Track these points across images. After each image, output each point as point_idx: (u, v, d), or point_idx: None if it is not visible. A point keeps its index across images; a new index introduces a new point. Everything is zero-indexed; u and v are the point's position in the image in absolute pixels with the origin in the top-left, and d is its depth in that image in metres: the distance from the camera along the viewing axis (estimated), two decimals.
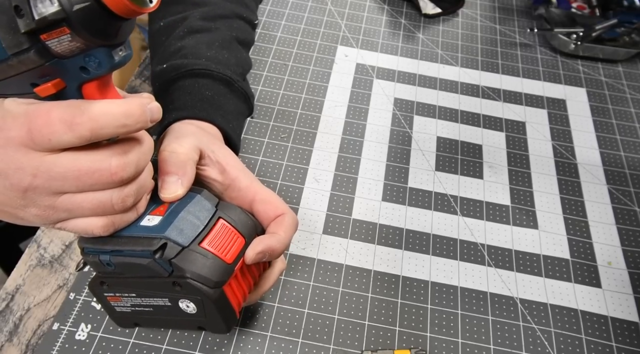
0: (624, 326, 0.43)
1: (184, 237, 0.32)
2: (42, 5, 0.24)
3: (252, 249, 0.34)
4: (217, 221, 0.34)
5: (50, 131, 0.26)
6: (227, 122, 0.44)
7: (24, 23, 0.24)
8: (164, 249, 0.31)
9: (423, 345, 0.41)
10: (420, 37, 0.66)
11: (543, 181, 0.53)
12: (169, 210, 0.33)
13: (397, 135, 0.55)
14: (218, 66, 0.46)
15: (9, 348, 0.38)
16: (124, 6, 0.24)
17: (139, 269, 0.32)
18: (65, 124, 0.26)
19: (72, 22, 0.24)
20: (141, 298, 0.35)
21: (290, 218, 0.37)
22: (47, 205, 0.28)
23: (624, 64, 0.66)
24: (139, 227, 0.32)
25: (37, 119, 0.26)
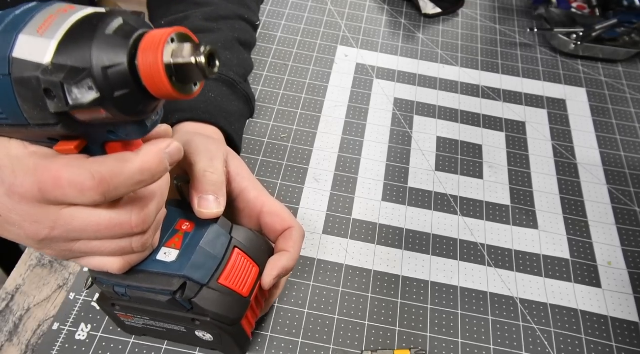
0: (624, 326, 0.43)
1: (203, 275, 0.31)
2: (79, 92, 0.22)
3: (269, 275, 0.34)
4: (233, 251, 0.33)
5: (61, 194, 0.25)
6: (230, 124, 0.44)
7: (55, 105, 0.22)
8: (184, 288, 0.31)
9: (423, 345, 0.41)
10: (420, 37, 0.66)
11: (543, 181, 0.53)
12: (186, 242, 0.32)
13: (397, 135, 0.55)
14: (221, 68, 0.46)
15: (9, 348, 0.38)
16: (167, 93, 0.23)
17: (156, 303, 0.32)
18: (76, 189, 0.24)
19: (110, 105, 0.23)
20: (155, 322, 0.35)
21: (298, 232, 0.37)
22: (64, 249, 0.28)
23: (624, 64, 0.66)
24: (156, 263, 0.31)
25: (48, 181, 0.25)
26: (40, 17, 0.23)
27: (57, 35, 0.22)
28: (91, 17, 0.23)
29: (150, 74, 0.22)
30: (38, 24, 0.23)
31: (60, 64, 0.22)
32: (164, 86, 0.22)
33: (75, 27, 0.23)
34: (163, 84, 0.22)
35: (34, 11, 0.23)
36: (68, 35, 0.22)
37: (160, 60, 0.22)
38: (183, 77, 0.23)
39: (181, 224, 0.33)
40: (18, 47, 0.22)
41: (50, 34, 0.22)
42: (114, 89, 0.22)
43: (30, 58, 0.22)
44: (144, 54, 0.22)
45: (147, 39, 0.22)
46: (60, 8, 0.24)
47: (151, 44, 0.22)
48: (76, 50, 0.22)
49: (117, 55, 0.22)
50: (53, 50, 0.22)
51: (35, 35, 0.22)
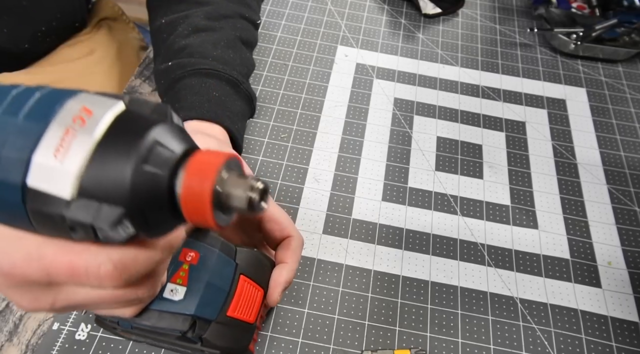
0: (624, 326, 0.43)
1: (212, 311, 0.31)
2: (112, 232, 0.19)
3: (274, 293, 0.34)
4: (239, 279, 0.32)
5: (76, 281, 0.22)
6: (234, 123, 0.44)
7: (81, 236, 0.20)
8: (195, 327, 0.30)
9: (423, 345, 0.41)
10: (420, 37, 0.66)
11: (543, 181, 0.53)
12: (192, 277, 0.30)
13: (397, 135, 0.55)
14: (225, 67, 0.46)
15: (9, 348, 0.38)
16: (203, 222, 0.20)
17: (165, 336, 0.31)
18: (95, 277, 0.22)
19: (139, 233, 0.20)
20: (159, 342, 0.34)
21: (297, 241, 0.37)
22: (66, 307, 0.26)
23: (624, 64, 0.66)
24: (164, 302, 0.30)
25: (60, 270, 0.22)
26: (55, 130, 0.19)
27: (79, 162, 0.19)
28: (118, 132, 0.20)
29: (193, 202, 0.20)
30: (54, 142, 0.19)
31: (89, 198, 0.19)
32: (204, 216, 0.20)
33: (101, 149, 0.19)
34: (204, 214, 0.20)
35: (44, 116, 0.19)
36: (95, 161, 0.19)
37: (208, 190, 0.19)
38: (226, 208, 0.20)
39: (185, 254, 0.31)
40: (33, 174, 0.19)
41: (72, 160, 0.19)
42: (149, 223, 0.20)
43: (49, 190, 0.19)
44: (190, 180, 0.20)
45: (195, 164, 0.20)
46: (76, 114, 0.20)
47: (200, 172, 0.20)
48: (108, 186, 0.19)
49: (158, 190, 0.20)
50: (78, 182, 0.19)
51: (53, 159, 0.19)
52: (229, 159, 0.20)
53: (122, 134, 0.20)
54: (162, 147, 0.20)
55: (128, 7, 0.73)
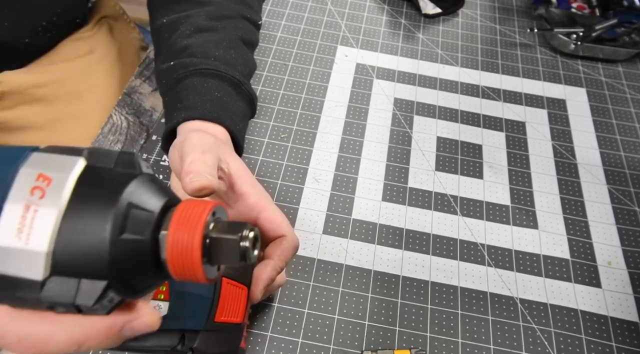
0: (624, 326, 0.43)
1: (199, 320, 0.30)
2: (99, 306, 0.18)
3: (257, 290, 0.33)
4: (222, 282, 0.32)
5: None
6: (235, 124, 0.44)
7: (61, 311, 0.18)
8: (184, 340, 0.29)
9: (423, 345, 0.41)
10: (420, 37, 0.66)
11: (543, 181, 0.53)
12: (173, 290, 0.28)
13: (397, 135, 0.55)
14: (227, 67, 0.46)
15: None
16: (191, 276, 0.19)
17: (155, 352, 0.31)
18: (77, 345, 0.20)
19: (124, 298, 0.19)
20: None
21: (289, 242, 0.36)
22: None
23: (624, 64, 0.66)
24: None
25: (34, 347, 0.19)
26: (12, 209, 0.17)
27: (47, 239, 0.17)
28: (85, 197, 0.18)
29: (181, 258, 0.18)
30: (14, 223, 0.17)
31: (65, 275, 0.17)
32: (194, 273, 0.19)
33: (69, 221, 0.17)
34: (194, 271, 0.19)
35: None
36: (64, 235, 0.17)
37: (197, 244, 0.18)
38: (215, 259, 0.19)
39: None
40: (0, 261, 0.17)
41: (39, 239, 0.17)
42: (134, 289, 0.19)
43: (19, 274, 0.17)
44: (175, 236, 0.18)
45: (179, 218, 0.18)
46: (33, 184, 0.18)
47: (186, 225, 0.18)
48: (84, 260, 0.17)
49: (139, 258, 0.18)
50: (49, 260, 0.17)
51: (17, 241, 0.17)
52: (214, 207, 0.19)
53: (90, 199, 0.18)
54: (139, 209, 0.18)
55: (129, 7, 0.73)
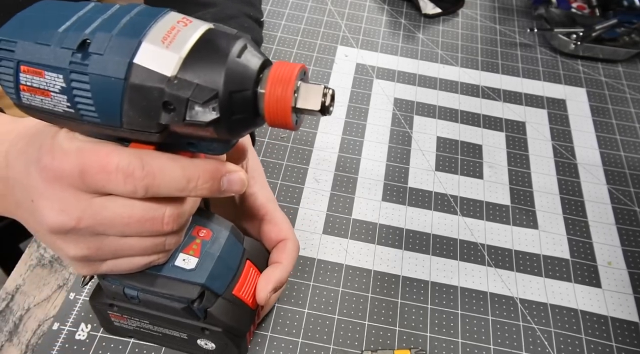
0: (624, 326, 0.43)
1: (220, 285, 0.31)
2: (202, 111, 0.22)
3: (264, 290, 0.34)
4: (246, 262, 0.33)
5: (105, 179, 0.24)
6: None
7: (169, 118, 0.22)
8: (202, 297, 0.30)
9: (423, 345, 0.41)
10: (420, 37, 0.66)
11: (543, 181, 0.53)
12: (204, 250, 0.31)
13: (397, 135, 0.55)
14: None
15: (9, 348, 0.38)
16: (283, 123, 0.23)
17: (168, 309, 0.31)
18: (123, 175, 0.24)
19: (221, 127, 0.23)
20: (154, 326, 0.34)
21: (292, 244, 0.37)
22: (91, 246, 0.26)
23: (624, 64, 0.66)
24: (175, 269, 0.30)
25: (93, 163, 0.24)
26: (161, 26, 0.23)
27: (183, 50, 0.22)
28: (214, 35, 0.23)
29: (275, 105, 0.23)
30: (161, 34, 0.22)
31: (187, 80, 0.22)
32: (284, 118, 0.23)
33: (200, 44, 0.23)
34: (285, 116, 0.23)
35: (152, 18, 0.23)
36: (194, 52, 0.22)
37: (290, 94, 0.23)
38: (300, 110, 0.24)
39: (198, 230, 0.32)
40: (141, 55, 0.22)
41: (176, 48, 0.22)
42: (233, 113, 0.23)
43: (154, 68, 0.22)
44: (273, 86, 0.23)
45: (276, 72, 0.23)
46: (179, 19, 0.23)
47: (282, 78, 0.23)
48: (206, 70, 0.22)
49: (246, 82, 0.23)
50: (179, 65, 0.22)
51: (160, 45, 0.22)
52: (302, 68, 0.24)
53: (217, 37, 0.23)
54: (251, 49, 0.24)
55: None
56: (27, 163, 0.26)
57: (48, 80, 0.23)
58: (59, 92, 0.23)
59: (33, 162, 0.25)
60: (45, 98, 0.23)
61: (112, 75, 0.22)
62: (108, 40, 0.22)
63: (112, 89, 0.22)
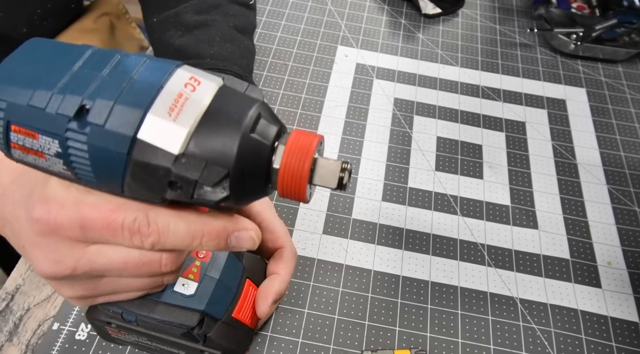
0: (624, 326, 0.43)
1: (220, 310, 0.31)
2: (211, 192, 0.20)
3: (264, 304, 0.33)
4: (245, 282, 0.33)
5: (109, 234, 0.23)
6: None
7: (176, 195, 0.21)
8: (202, 324, 0.30)
9: (423, 345, 0.41)
10: (420, 37, 0.66)
11: (543, 181, 0.53)
12: (203, 274, 0.30)
13: (397, 135, 0.55)
14: (224, 63, 0.45)
15: (9, 348, 0.38)
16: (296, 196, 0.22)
17: (167, 332, 0.31)
18: (130, 232, 0.22)
19: (231, 201, 0.21)
20: (152, 343, 0.34)
21: (289, 253, 0.36)
22: (87, 288, 0.26)
23: (624, 64, 0.66)
24: (175, 295, 0.30)
25: (97, 219, 0.22)
26: (168, 92, 0.21)
27: (191, 122, 0.20)
28: (225, 101, 0.21)
29: (290, 180, 0.22)
30: (168, 102, 0.20)
31: (196, 158, 0.20)
32: (299, 193, 0.22)
33: (210, 114, 0.21)
34: (299, 192, 0.22)
35: (157, 80, 0.21)
36: (204, 124, 0.21)
37: (306, 170, 0.22)
38: (315, 184, 0.23)
39: (197, 251, 0.31)
40: (146, 129, 0.20)
41: (184, 120, 0.20)
42: (244, 189, 0.21)
43: (159, 144, 0.20)
44: (289, 158, 0.22)
45: (294, 143, 0.22)
46: (186, 80, 0.21)
47: (299, 151, 0.22)
48: (216, 146, 0.20)
49: (260, 159, 0.21)
50: (187, 140, 0.20)
51: (167, 118, 0.20)
52: (321, 140, 0.23)
53: (228, 104, 0.21)
54: (265, 120, 0.22)
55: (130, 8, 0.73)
56: (16, 206, 0.24)
57: (42, 143, 0.21)
58: (54, 155, 0.21)
59: (23, 208, 0.24)
60: (39, 158, 0.22)
61: (114, 149, 0.20)
62: (109, 109, 0.20)
63: (113, 161, 0.20)
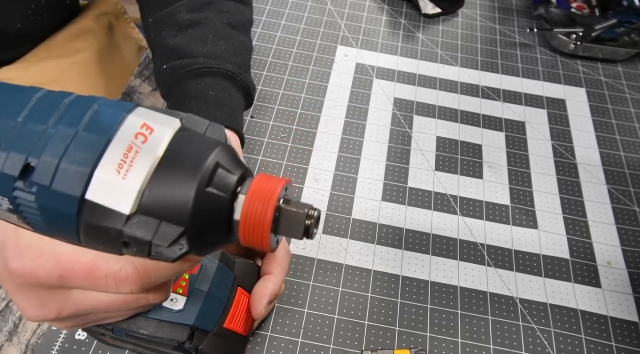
0: (624, 326, 0.43)
1: (210, 323, 0.31)
2: (169, 250, 0.19)
3: (259, 306, 0.33)
4: (237, 290, 0.33)
5: (93, 284, 0.21)
6: (237, 119, 0.43)
7: (131, 253, 0.20)
8: (193, 338, 0.30)
9: (423, 345, 0.41)
10: (420, 37, 0.66)
11: (543, 181, 0.53)
12: (193, 287, 0.30)
13: (397, 135, 0.55)
14: (218, 61, 0.45)
15: (9, 348, 0.38)
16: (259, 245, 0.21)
17: (160, 346, 0.31)
18: (115, 281, 0.21)
19: (191, 254, 0.20)
20: (148, 351, 0.34)
21: (283, 252, 0.36)
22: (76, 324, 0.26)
23: (623, 64, 0.66)
24: (164, 311, 0.29)
25: (77, 270, 0.21)
26: (117, 145, 0.19)
27: (142, 179, 0.19)
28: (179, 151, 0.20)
29: (252, 229, 0.20)
30: (117, 158, 0.19)
31: (149, 217, 0.19)
32: (261, 240, 0.20)
33: (163, 168, 0.19)
34: (262, 238, 0.20)
35: (106, 132, 0.19)
36: (156, 180, 0.19)
37: (269, 219, 0.20)
38: (280, 233, 0.21)
39: None
40: (94, 189, 0.19)
41: (135, 177, 0.19)
42: (204, 243, 0.20)
43: (109, 205, 0.19)
44: (251, 207, 0.20)
45: (255, 192, 0.20)
46: (137, 130, 0.19)
47: (261, 200, 0.20)
48: (169, 205, 0.19)
49: (218, 213, 0.20)
50: (139, 198, 0.19)
51: (115, 175, 0.19)
52: (286, 184, 0.21)
53: (184, 153, 0.20)
54: (224, 170, 0.20)
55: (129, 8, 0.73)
56: None
57: None
58: (7, 211, 0.20)
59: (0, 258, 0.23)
60: None
61: (63, 210, 0.19)
62: (54, 168, 0.19)
63: (64, 221, 0.19)
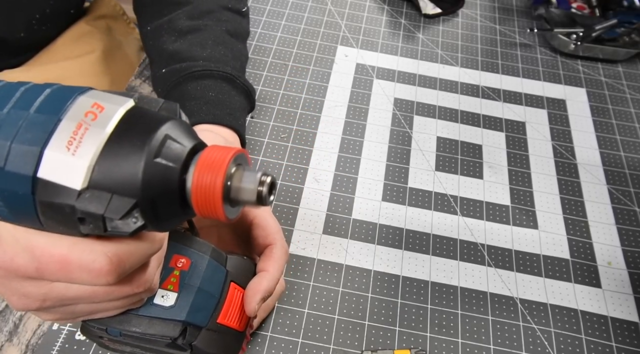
0: (624, 326, 0.43)
1: (203, 317, 0.30)
2: (122, 224, 0.20)
3: (252, 302, 0.33)
4: (230, 285, 0.32)
5: (68, 276, 0.22)
6: (236, 119, 0.44)
7: (89, 229, 0.20)
8: (185, 333, 0.30)
9: (423, 345, 0.41)
10: (420, 37, 0.66)
11: (543, 181, 0.53)
12: (183, 283, 0.30)
13: (397, 135, 0.55)
14: (217, 64, 0.46)
15: (9, 348, 0.38)
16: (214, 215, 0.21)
17: (154, 343, 0.31)
18: (89, 272, 0.21)
19: (149, 228, 0.21)
20: (146, 352, 0.34)
21: (279, 250, 0.36)
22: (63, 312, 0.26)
23: (623, 64, 0.66)
24: (154, 307, 0.29)
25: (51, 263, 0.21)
26: (67, 124, 0.19)
27: (91, 154, 0.19)
28: (128, 128, 0.20)
29: (204, 197, 0.20)
30: (66, 135, 0.19)
31: (100, 191, 0.19)
32: (214, 209, 0.21)
33: (112, 143, 0.20)
34: (214, 207, 0.21)
35: (55, 112, 0.20)
36: (106, 154, 0.19)
37: (219, 185, 0.20)
38: (235, 201, 0.21)
39: (176, 260, 0.31)
40: (44, 167, 0.19)
41: (84, 152, 0.19)
42: (159, 216, 0.21)
43: (60, 181, 0.19)
44: (201, 174, 0.20)
45: (205, 159, 0.21)
46: (87, 108, 0.20)
47: (211, 167, 0.20)
48: (119, 177, 0.19)
49: (169, 183, 0.20)
50: (89, 174, 0.19)
51: (65, 152, 0.19)
52: (237, 154, 0.21)
53: (134, 128, 0.20)
54: (173, 141, 0.21)
55: (128, 8, 0.73)
56: None
57: None
58: None
59: None
60: None
61: (18, 190, 0.19)
62: (7, 150, 0.19)
63: (22, 202, 0.20)
